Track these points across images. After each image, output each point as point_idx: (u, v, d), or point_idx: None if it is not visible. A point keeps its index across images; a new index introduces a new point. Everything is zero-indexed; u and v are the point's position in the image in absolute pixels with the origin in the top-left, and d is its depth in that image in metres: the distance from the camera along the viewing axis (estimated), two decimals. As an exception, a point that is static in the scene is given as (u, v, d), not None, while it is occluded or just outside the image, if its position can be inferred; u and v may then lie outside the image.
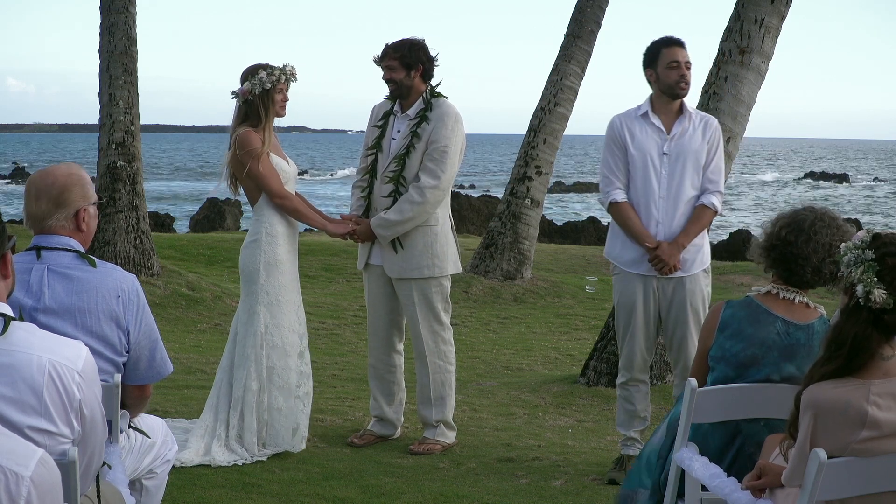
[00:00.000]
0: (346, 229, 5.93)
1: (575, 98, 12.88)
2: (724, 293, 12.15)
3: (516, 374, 8.67)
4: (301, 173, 52.97)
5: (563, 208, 45.30)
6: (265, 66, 5.70)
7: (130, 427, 3.73)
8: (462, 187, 50.71)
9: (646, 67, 5.55)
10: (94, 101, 11.33)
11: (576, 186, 56.56)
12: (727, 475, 3.56)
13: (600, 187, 5.63)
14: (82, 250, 3.44)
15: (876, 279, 2.96)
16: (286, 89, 5.79)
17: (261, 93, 5.68)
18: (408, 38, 5.89)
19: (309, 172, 74.39)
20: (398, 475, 5.49)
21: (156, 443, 3.83)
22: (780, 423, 3.58)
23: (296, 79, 5.80)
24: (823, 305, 3.96)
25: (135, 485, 3.78)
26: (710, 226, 5.58)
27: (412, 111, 5.89)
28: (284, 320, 5.77)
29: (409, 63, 5.82)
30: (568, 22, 12.88)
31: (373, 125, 6.05)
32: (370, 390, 6.23)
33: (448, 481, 5.44)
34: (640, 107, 5.56)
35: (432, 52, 5.91)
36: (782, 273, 3.86)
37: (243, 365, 5.71)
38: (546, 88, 12.81)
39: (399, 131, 5.91)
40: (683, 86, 5.47)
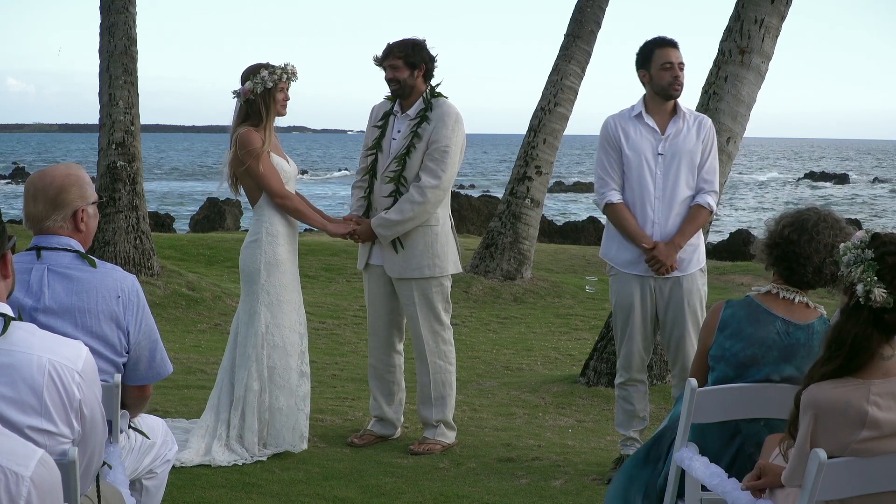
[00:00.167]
0: (347, 229, 5.93)
1: (575, 98, 12.88)
2: (724, 293, 12.15)
3: (516, 374, 8.67)
4: (301, 173, 52.99)
5: (563, 208, 45.31)
6: (266, 66, 5.71)
7: (130, 427, 3.73)
8: (462, 187, 50.71)
9: (639, 68, 5.55)
10: (94, 101, 11.33)
11: (576, 186, 56.56)
12: (727, 475, 3.56)
13: (595, 188, 5.64)
14: (82, 250, 3.44)
15: (876, 278, 2.96)
16: (287, 88, 5.79)
17: (263, 92, 5.68)
18: (409, 38, 5.89)
19: (309, 172, 74.40)
20: (398, 475, 5.50)
21: (156, 443, 3.83)
22: (780, 423, 3.58)
23: (297, 77, 5.80)
24: (823, 305, 3.96)
25: (135, 485, 3.78)
26: (706, 225, 5.58)
27: (412, 111, 5.89)
28: (285, 320, 5.78)
29: (412, 63, 5.82)
30: (568, 22, 12.88)
31: (372, 125, 6.05)
32: (370, 390, 6.24)
33: (448, 481, 5.44)
34: (634, 107, 5.56)
35: (432, 52, 5.92)
36: (783, 272, 3.86)
37: (244, 365, 5.71)
38: (546, 88, 12.81)
39: (399, 131, 5.91)
40: (677, 87, 5.47)
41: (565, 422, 6.95)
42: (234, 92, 5.76)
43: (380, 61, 5.89)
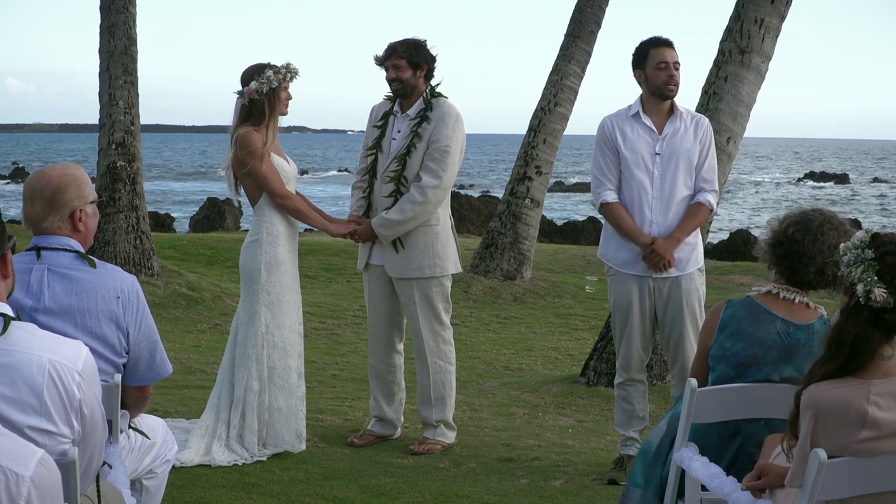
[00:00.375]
0: (347, 229, 5.93)
1: (575, 98, 12.88)
2: (724, 293, 12.15)
3: (516, 374, 8.67)
4: (301, 173, 52.98)
5: (563, 208, 45.31)
6: (270, 66, 5.70)
7: (130, 427, 3.73)
8: (462, 187, 50.70)
9: (635, 68, 5.55)
10: (94, 101, 11.33)
11: (576, 186, 56.56)
12: (727, 475, 3.56)
13: (592, 188, 5.64)
14: (82, 250, 3.43)
15: (876, 278, 2.96)
16: (288, 87, 5.80)
17: (268, 91, 5.68)
18: (411, 38, 5.89)
19: (309, 172, 74.39)
20: (398, 475, 5.49)
21: (156, 443, 3.83)
22: (780, 423, 3.58)
23: (299, 76, 5.80)
24: (823, 306, 3.96)
25: (135, 485, 3.78)
26: (706, 223, 5.57)
27: (412, 111, 5.89)
28: (285, 320, 5.78)
29: (415, 62, 5.82)
30: (568, 22, 12.89)
31: (372, 125, 6.05)
32: (370, 390, 6.24)
33: (448, 481, 5.44)
34: (631, 107, 5.57)
35: (433, 53, 5.92)
36: (785, 271, 3.86)
37: (244, 365, 5.71)
38: (546, 88, 12.81)
39: (399, 131, 5.91)
40: (672, 86, 5.47)
41: (565, 422, 6.95)
42: (238, 92, 5.75)
43: (382, 61, 5.88)
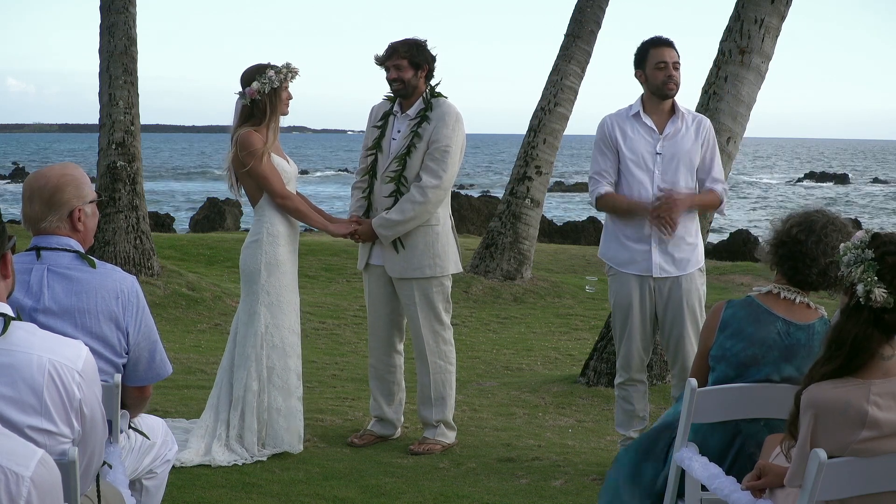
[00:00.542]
0: (348, 229, 5.92)
1: (575, 98, 12.89)
2: (724, 293, 12.15)
3: (516, 374, 8.67)
4: (301, 173, 52.95)
5: (563, 208, 45.30)
6: (270, 66, 5.70)
7: (130, 427, 3.73)
8: (462, 187, 50.70)
9: (636, 68, 5.56)
10: (94, 101, 11.33)
11: (576, 186, 56.56)
12: (727, 475, 3.56)
13: (589, 188, 5.63)
14: (82, 250, 3.43)
15: (876, 278, 2.96)
16: (289, 87, 5.79)
17: (269, 91, 5.68)
18: (411, 38, 5.89)
19: (309, 172, 74.39)
20: (398, 475, 5.49)
21: (156, 443, 3.83)
22: (780, 423, 3.58)
23: (299, 75, 5.80)
24: (823, 306, 3.96)
25: (135, 485, 3.78)
26: (706, 225, 5.54)
27: (412, 111, 5.89)
28: (285, 321, 5.78)
29: (417, 62, 5.83)
30: (568, 22, 12.89)
31: (372, 126, 6.05)
32: (370, 390, 6.23)
33: (448, 481, 5.44)
34: (632, 107, 5.56)
35: (433, 52, 5.92)
36: (787, 271, 3.86)
37: (244, 365, 5.71)
38: (546, 88, 12.81)
39: (399, 131, 5.91)
40: (671, 86, 5.46)
41: (565, 422, 6.95)
42: (240, 93, 5.75)
43: (383, 61, 5.87)
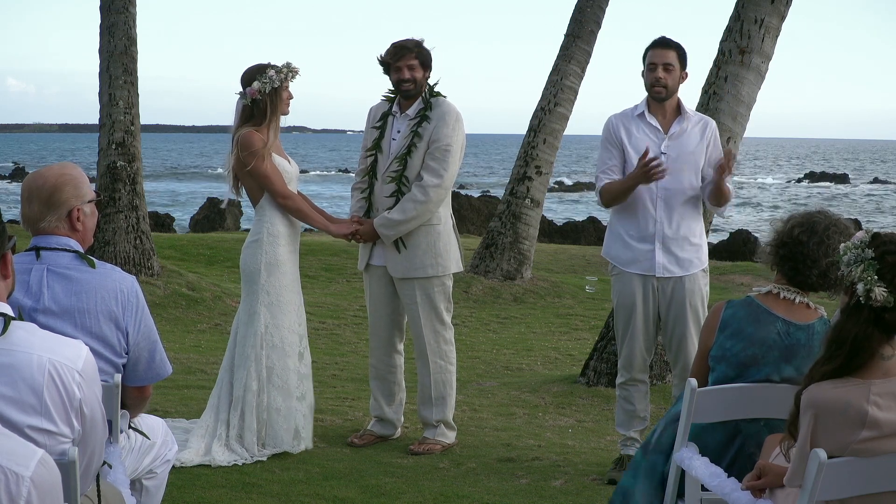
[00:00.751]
0: (349, 229, 5.92)
1: (575, 98, 12.89)
2: (724, 293, 12.15)
3: (516, 374, 8.67)
4: (301, 173, 52.88)
5: (563, 208, 45.30)
6: (271, 65, 5.70)
7: (130, 427, 3.73)
8: (462, 187, 50.71)
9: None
10: (94, 101, 11.33)
11: (576, 186, 56.56)
12: (727, 475, 3.56)
13: (595, 187, 5.63)
14: (81, 250, 3.43)
15: (876, 277, 2.97)
16: (289, 86, 5.79)
17: (270, 91, 5.68)
18: (411, 38, 5.89)
19: (309, 172, 74.39)
20: (398, 475, 5.49)
21: (156, 443, 3.83)
22: (780, 423, 3.58)
23: (299, 75, 5.80)
24: (823, 306, 3.96)
25: (135, 485, 3.78)
26: (727, 202, 5.48)
27: (412, 111, 5.89)
28: (285, 321, 5.77)
29: (426, 63, 5.85)
30: (568, 22, 12.89)
31: (371, 126, 6.04)
32: (370, 390, 6.23)
33: (448, 481, 5.43)
34: (637, 107, 5.57)
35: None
36: (788, 272, 3.85)
37: (243, 365, 5.71)
38: (546, 88, 12.81)
39: (399, 131, 5.91)
40: (658, 88, 5.44)
41: (565, 422, 6.95)
42: (240, 93, 5.74)
43: (396, 60, 5.83)
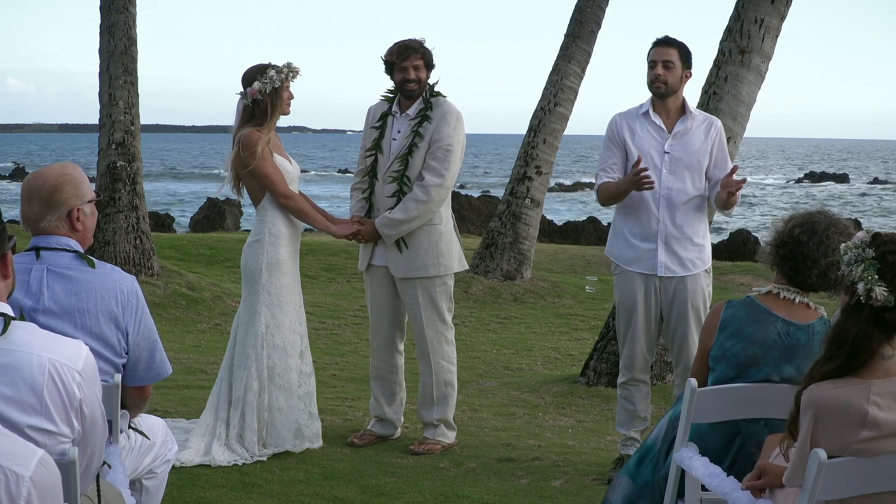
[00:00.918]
0: (351, 230, 5.91)
1: (575, 98, 12.89)
2: (724, 293, 12.15)
3: (516, 374, 8.67)
4: (301, 172, 52.92)
5: (563, 208, 45.30)
6: (272, 65, 5.70)
7: (130, 427, 3.73)
8: (462, 187, 50.72)
9: None
10: (94, 101, 11.33)
11: (576, 186, 56.57)
12: (727, 475, 3.56)
13: (595, 185, 5.63)
14: (81, 250, 3.43)
15: (877, 277, 2.97)
16: (290, 86, 5.79)
17: (271, 91, 5.68)
18: (412, 38, 5.89)
19: (310, 172, 74.39)
20: (398, 475, 5.49)
21: (156, 443, 3.83)
22: (780, 423, 3.58)
23: (300, 75, 5.80)
24: (823, 306, 3.96)
25: (135, 485, 3.78)
26: (734, 206, 5.46)
27: (412, 111, 5.89)
28: (285, 320, 5.77)
29: (430, 63, 5.86)
30: (568, 22, 12.89)
31: (370, 126, 6.04)
32: (371, 390, 6.23)
33: (448, 481, 5.43)
34: (642, 105, 5.57)
35: None
36: (788, 272, 3.85)
37: (244, 364, 5.71)
38: (546, 88, 12.81)
39: (399, 131, 5.91)
40: (658, 85, 5.46)
41: (565, 422, 6.95)
42: (241, 93, 5.74)
43: (402, 60, 5.82)
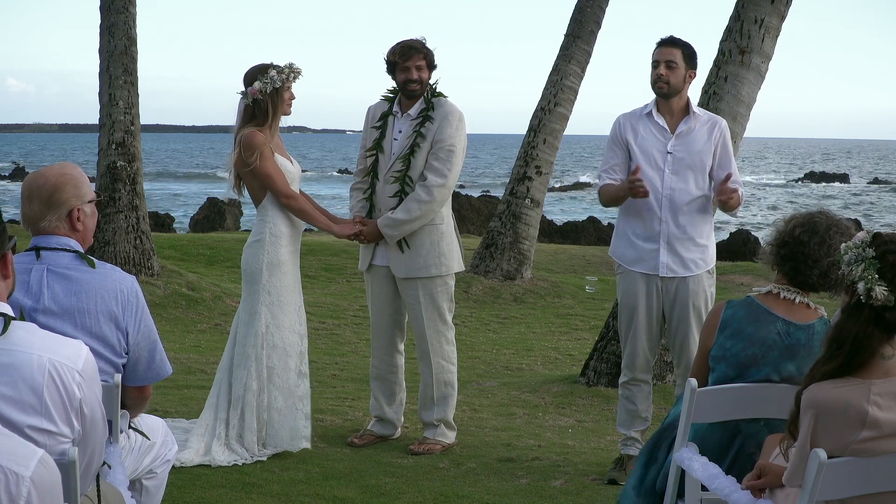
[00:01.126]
0: (352, 230, 5.91)
1: (575, 98, 12.89)
2: (724, 293, 12.15)
3: (516, 374, 8.67)
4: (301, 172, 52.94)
5: (563, 208, 45.29)
6: (273, 66, 5.70)
7: (130, 427, 3.73)
8: (462, 187, 50.72)
9: None
10: (94, 101, 11.33)
11: (576, 186, 56.57)
12: (727, 475, 3.56)
13: (597, 187, 5.63)
14: (81, 250, 3.43)
15: (877, 276, 2.97)
16: (291, 87, 5.79)
17: (271, 91, 5.68)
18: (413, 38, 5.89)
19: (310, 171, 74.39)
20: (398, 475, 5.49)
21: (156, 443, 3.83)
22: (780, 423, 3.58)
23: (301, 75, 5.80)
24: (823, 306, 3.96)
25: (135, 485, 3.78)
26: (738, 206, 5.44)
27: (413, 111, 5.89)
28: (285, 321, 5.77)
29: (432, 63, 5.87)
30: (568, 22, 12.90)
31: (371, 126, 6.04)
32: (371, 390, 6.23)
33: (448, 481, 5.43)
34: (646, 106, 5.57)
35: None
36: (788, 272, 3.85)
37: (243, 364, 5.71)
38: (546, 88, 12.82)
39: (401, 131, 5.90)
40: (660, 84, 5.45)
41: (565, 422, 6.95)
42: (242, 93, 5.74)
43: (405, 60, 5.82)
